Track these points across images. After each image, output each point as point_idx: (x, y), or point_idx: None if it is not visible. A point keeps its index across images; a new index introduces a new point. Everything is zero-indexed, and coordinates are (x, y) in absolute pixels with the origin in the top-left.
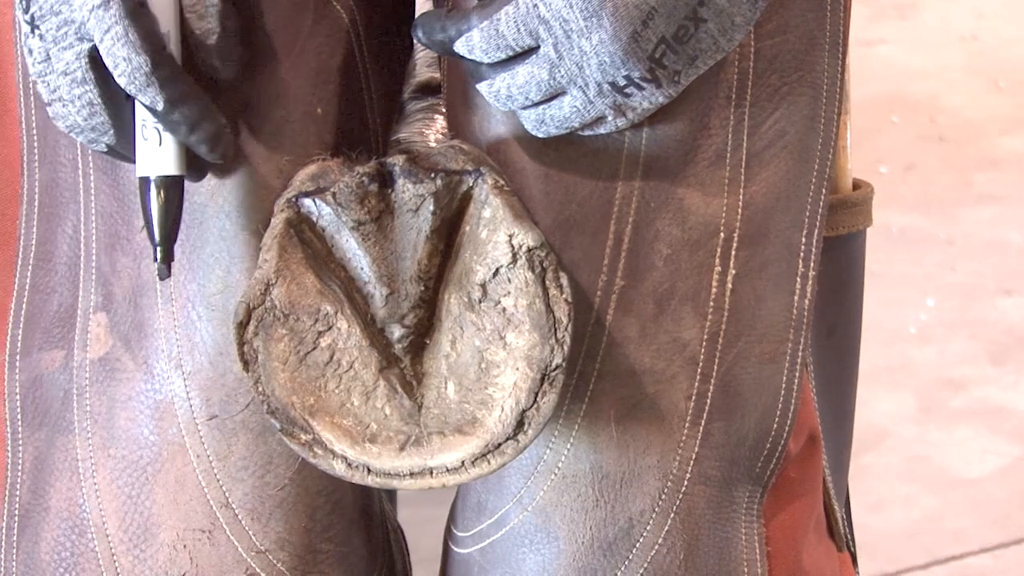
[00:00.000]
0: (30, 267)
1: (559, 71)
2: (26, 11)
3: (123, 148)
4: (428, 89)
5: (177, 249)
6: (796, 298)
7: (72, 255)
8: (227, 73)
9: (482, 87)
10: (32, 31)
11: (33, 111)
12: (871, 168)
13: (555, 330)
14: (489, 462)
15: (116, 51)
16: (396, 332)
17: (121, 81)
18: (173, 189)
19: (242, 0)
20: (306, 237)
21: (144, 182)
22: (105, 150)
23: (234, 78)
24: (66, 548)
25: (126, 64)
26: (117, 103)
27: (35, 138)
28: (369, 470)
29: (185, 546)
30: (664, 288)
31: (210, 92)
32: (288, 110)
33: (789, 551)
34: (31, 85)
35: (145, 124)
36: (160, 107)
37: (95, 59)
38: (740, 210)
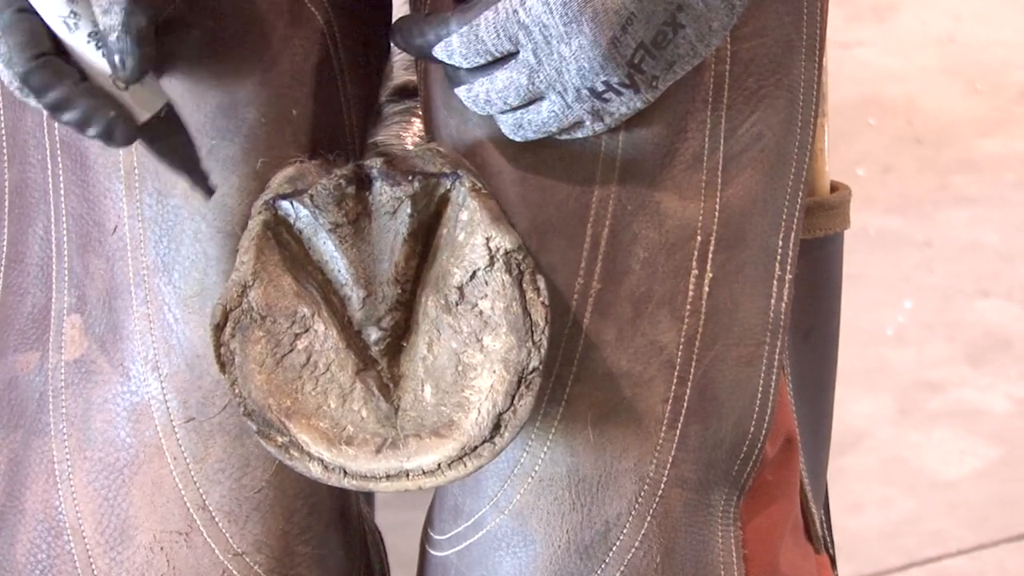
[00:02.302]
0: (2, 268)
1: (538, 76)
2: None
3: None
4: (405, 92)
5: (152, 251)
6: (773, 301)
7: (44, 256)
8: (126, 74)
9: (460, 92)
10: None
11: (1, 111)
12: (848, 170)
13: (532, 333)
14: (465, 464)
15: None
16: (373, 334)
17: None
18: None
19: (208, 1)
20: (283, 239)
21: (146, 128)
22: (96, 135)
23: (135, 78)
24: (42, 550)
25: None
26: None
27: (3, 138)
28: (345, 472)
29: (162, 548)
30: (641, 291)
31: (189, 94)
32: (262, 112)
33: (766, 554)
34: None
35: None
36: (47, 112)
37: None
38: (717, 213)
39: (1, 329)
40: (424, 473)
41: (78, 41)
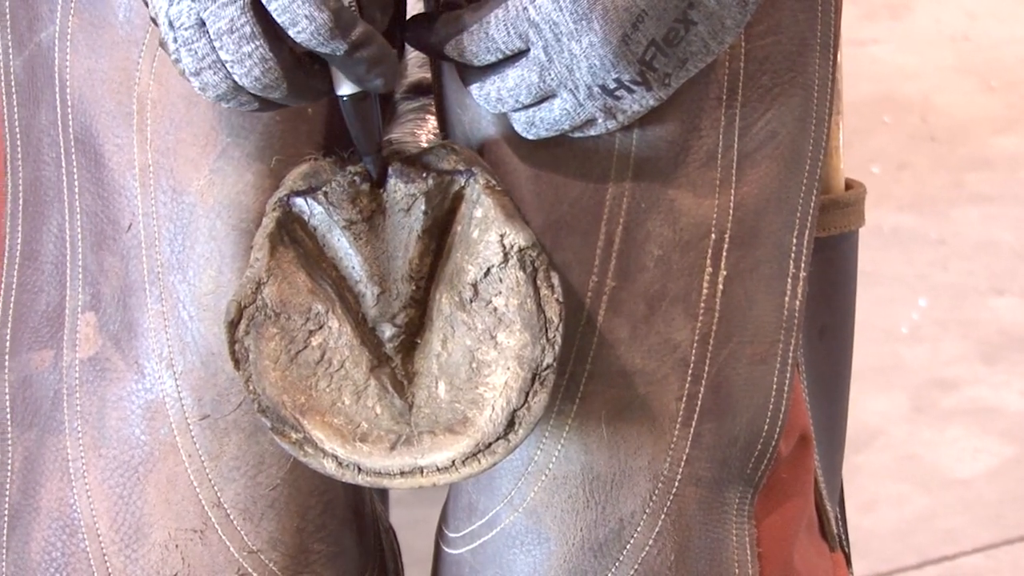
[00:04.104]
0: (16, 266)
1: (549, 74)
2: None
3: (292, 99)
4: (419, 90)
5: (167, 248)
6: (787, 299)
7: (58, 254)
8: (381, 25)
9: (472, 90)
10: None
11: (16, 108)
12: (863, 168)
13: (546, 330)
14: (480, 461)
15: (296, 8)
16: (387, 331)
17: (300, 37)
18: (371, 100)
19: None
20: (297, 236)
21: (353, 100)
22: (257, 107)
23: (383, 30)
24: (57, 548)
25: (308, 22)
26: (285, 54)
27: (18, 136)
28: (359, 469)
29: (177, 546)
30: (655, 289)
31: None
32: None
33: (780, 552)
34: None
35: None
36: (340, 53)
37: (258, 11)
38: (731, 211)
39: (15, 327)
40: (438, 470)
41: None
